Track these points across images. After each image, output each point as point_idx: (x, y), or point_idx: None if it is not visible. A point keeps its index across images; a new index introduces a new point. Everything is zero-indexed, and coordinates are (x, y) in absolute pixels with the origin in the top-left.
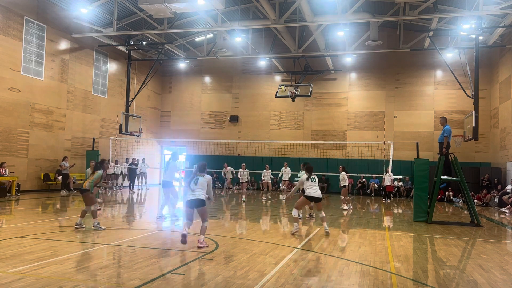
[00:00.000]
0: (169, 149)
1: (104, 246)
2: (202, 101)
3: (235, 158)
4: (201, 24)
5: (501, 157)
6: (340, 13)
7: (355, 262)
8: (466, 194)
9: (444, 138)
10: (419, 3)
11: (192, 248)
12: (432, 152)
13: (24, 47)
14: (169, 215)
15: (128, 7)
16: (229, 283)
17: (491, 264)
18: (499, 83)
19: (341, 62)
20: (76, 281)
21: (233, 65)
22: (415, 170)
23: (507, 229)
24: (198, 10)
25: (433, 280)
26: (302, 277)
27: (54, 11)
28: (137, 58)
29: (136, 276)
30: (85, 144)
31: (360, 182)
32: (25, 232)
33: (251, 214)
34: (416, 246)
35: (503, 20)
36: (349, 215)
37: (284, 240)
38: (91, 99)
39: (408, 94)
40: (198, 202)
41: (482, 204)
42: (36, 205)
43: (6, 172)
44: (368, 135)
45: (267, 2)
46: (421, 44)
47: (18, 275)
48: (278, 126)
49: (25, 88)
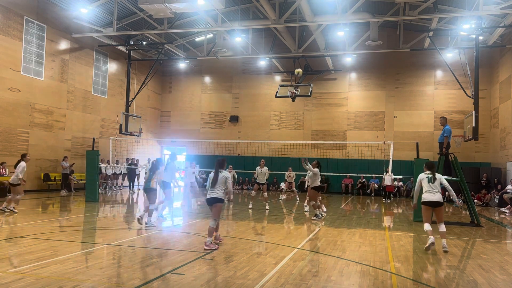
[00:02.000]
0: (169, 149)
1: (104, 246)
2: (202, 101)
3: (235, 158)
4: (201, 24)
5: (501, 157)
6: (340, 13)
7: (355, 262)
8: (466, 194)
9: (444, 138)
10: (419, 3)
11: (192, 248)
12: (432, 152)
13: (24, 47)
14: (168, 215)
15: (128, 7)
16: (229, 283)
17: (491, 264)
18: (499, 83)
19: (341, 62)
20: (76, 281)
21: (233, 65)
22: (415, 170)
23: (507, 229)
24: (198, 10)
25: (433, 280)
26: (302, 277)
27: (54, 11)
28: (137, 58)
29: (136, 276)
30: (85, 144)
31: (360, 182)
32: (25, 232)
33: (252, 214)
34: (416, 246)
35: (503, 20)
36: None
37: (284, 240)
38: (91, 99)
39: (408, 94)
40: (214, 200)
41: (482, 204)
42: (36, 205)
43: (6, 172)
44: (368, 135)
45: (267, 2)
46: (421, 44)
47: (18, 275)
48: (278, 126)
49: (25, 88)
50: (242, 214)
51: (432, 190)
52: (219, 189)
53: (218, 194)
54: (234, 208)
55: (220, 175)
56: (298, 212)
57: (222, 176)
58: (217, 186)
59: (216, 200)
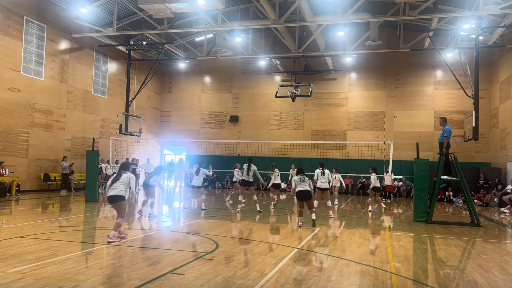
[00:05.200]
0: (169, 149)
1: (104, 246)
2: (202, 101)
3: (235, 158)
4: (201, 24)
5: (501, 157)
6: (340, 13)
7: (355, 262)
8: (466, 194)
9: (444, 138)
10: (419, 3)
11: (192, 248)
12: (432, 152)
13: (24, 47)
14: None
15: (128, 7)
16: (229, 283)
17: (491, 264)
18: (499, 83)
19: (341, 62)
20: (76, 281)
21: (233, 65)
22: (415, 170)
23: (507, 229)
24: (198, 10)
25: (433, 280)
26: (302, 277)
27: (54, 11)
28: (137, 58)
29: (136, 276)
30: (85, 144)
31: (360, 182)
32: (25, 232)
33: (251, 214)
34: (416, 246)
35: (503, 20)
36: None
37: (284, 240)
38: (91, 99)
39: (408, 94)
40: (116, 197)
41: (482, 204)
42: (36, 205)
43: (6, 172)
44: (368, 135)
45: (267, 2)
46: (421, 44)
47: (18, 275)
48: (278, 126)
49: (25, 88)
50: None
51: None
52: (120, 187)
53: (119, 192)
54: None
55: (124, 175)
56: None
57: (126, 177)
58: (119, 184)
59: (118, 197)
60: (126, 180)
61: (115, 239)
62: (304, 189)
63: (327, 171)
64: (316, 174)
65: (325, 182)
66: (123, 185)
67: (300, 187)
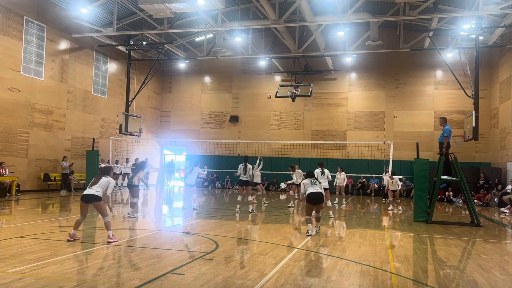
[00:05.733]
0: (169, 149)
1: (104, 246)
2: (202, 101)
3: (235, 158)
4: (201, 24)
5: (501, 157)
6: (340, 13)
7: (355, 262)
8: (466, 194)
9: (444, 138)
10: (419, 3)
11: (192, 248)
12: (432, 152)
13: (24, 47)
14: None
15: (128, 7)
16: (229, 283)
17: (491, 264)
18: (499, 83)
19: (341, 62)
20: (76, 281)
21: (233, 65)
22: (415, 170)
23: (507, 229)
24: (198, 10)
25: (433, 280)
26: (302, 277)
27: (54, 11)
28: (137, 58)
29: (136, 276)
30: (85, 144)
31: (360, 182)
32: (25, 232)
33: (252, 215)
34: (416, 246)
35: (503, 20)
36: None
37: (284, 240)
38: (91, 99)
39: (408, 94)
40: (92, 197)
41: (482, 204)
42: (36, 205)
43: (6, 172)
44: (368, 135)
45: (267, 2)
46: (421, 44)
47: (18, 275)
48: (278, 126)
49: (25, 88)
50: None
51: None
52: (97, 188)
53: (96, 192)
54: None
55: (104, 179)
56: (299, 212)
57: (106, 180)
58: (97, 186)
59: (92, 197)
60: (105, 184)
61: (114, 238)
62: (317, 190)
63: (326, 171)
64: (316, 174)
65: (324, 182)
66: (101, 188)
67: (312, 189)
